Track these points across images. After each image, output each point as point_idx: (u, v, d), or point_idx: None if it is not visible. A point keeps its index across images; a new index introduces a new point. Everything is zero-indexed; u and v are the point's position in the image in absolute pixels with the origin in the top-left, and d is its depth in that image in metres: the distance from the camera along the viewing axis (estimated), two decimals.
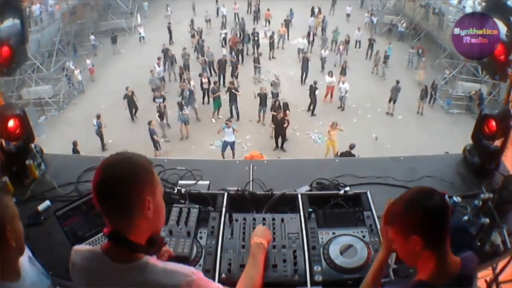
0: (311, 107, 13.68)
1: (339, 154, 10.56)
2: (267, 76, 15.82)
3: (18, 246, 1.38)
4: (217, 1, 21.48)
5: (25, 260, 1.54)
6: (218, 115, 13.27)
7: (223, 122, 11.37)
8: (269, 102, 12.91)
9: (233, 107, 13.18)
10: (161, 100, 12.56)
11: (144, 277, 1.17)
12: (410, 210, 1.37)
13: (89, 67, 16.37)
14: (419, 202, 1.37)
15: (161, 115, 12.16)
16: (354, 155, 10.03)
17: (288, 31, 19.20)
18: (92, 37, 18.56)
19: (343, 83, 13.69)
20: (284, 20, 19.54)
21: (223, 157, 11.08)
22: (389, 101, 14.00)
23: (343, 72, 15.16)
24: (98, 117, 11.89)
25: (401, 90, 13.90)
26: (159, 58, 15.41)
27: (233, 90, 12.88)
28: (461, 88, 15.04)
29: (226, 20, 20.20)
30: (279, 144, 12.06)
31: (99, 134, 11.95)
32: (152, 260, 1.22)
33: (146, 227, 1.23)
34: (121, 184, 1.16)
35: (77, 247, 1.35)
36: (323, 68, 15.01)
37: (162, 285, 1.17)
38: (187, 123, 12.32)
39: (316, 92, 13.25)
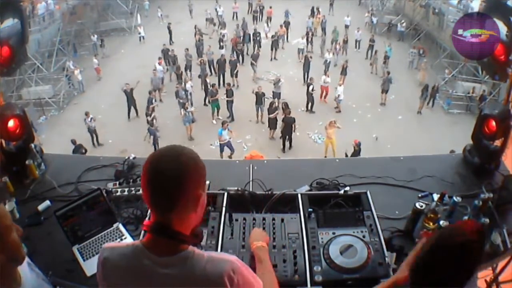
0: (309, 106, 13.68)
1: (349, 155, 10.54)
2: (267, 76, 15.81)
3: (16, 256, 1.35)
4: (217, 0, 21.43)
5: (25, 267, 1.53)
6: (218, 115, 13.27)
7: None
8: (268, 101, 12.92)
9: (229, 107, 13.19)
10: (153, 100, 12.56)
11: (192, 266, 1.18)
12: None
13: (95, 66, 16.33)
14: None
15: (150, 116, 12.10)
16: (360, 150, 10.17)
17: (287, 31, 19.17)
18: (94, 36, 18.51)
19: (340, 85, 13.68)
20: (284, 22, 19.50)
21: (221, 157, 11.10)
22: (382, 92, 14.48)
23: (343, 72, 15.14)
24: (87, 114, 11.86)
25: (392, 81, 14.30)
26: (160, 58, 15.38)
27: (228, 90, 12.92)
28: (461, 88, 15.03)
29: (224, 20, 20.15)
30: (287, 146, 12.05)
31: (90, 132, 11.91)
32: (197, 250, 1.23)
33: (193, 220, 1.25)
34: (180, 177, 1.16)
35: (110, 244, 1.32)
36: (326, 71, 14.90)
37: (210, 273, 1.18)
38: (192, 122, 12.27)
39: (310, 88, 13.23)
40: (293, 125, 11.73)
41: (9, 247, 1.31)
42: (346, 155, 10.67)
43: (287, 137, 11.93)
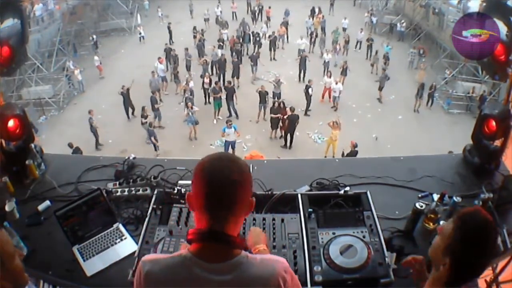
0: (306, 107, 13.70)
1: (345, 154, 10.57)
2: (267, 76, 15.81)
3: (19, 281, 1.34)
4: (219, 0, 21.44)
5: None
6: (218, 115, 13.27)
7: (223, 123, 11.35)
8: (270, 101, 12.92)
9: (230, 105, 13.19)
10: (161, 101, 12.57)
11: (247, 270, 1.18)
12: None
13: (96, 64, 16.30)
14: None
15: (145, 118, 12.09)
16: (357, 152, 10.21)
17: (287, 31, 19.16)
18: (94, 37, 18.50)
19: (336, 83, 13.69)
20: (283, 21, 19.48)
21: None
22: (379, 89, 14.68)
23: (343, 72, 15.14)
24: (90, 112, 11.81)
25: (388, 77, 14.51)
26: (159, 58, 15.34)
27: (229, 88, 12.90)
28: (461, 88, 15.03)
29: (224, 20, 20.16)
30: (288, 143, 12.12)
31: (93, 131, 11.89)
32: (249, 254, 1.23)
33: (241, 224, 1.29)
34: (238, 184, 1.19)
35: (150, 257, 1.27)
36: (326, 71, 14.85)
37: (265, 275, 1.19)
38: (196, 124, 12.29)
39: (310, 91, 13.25)
40: (296, 123, 11.78)
41: (12, 274, 1.30)
42: (343, 154, 10.70)
43: (289, 134, 11.97)
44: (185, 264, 1.18)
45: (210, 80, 13.89)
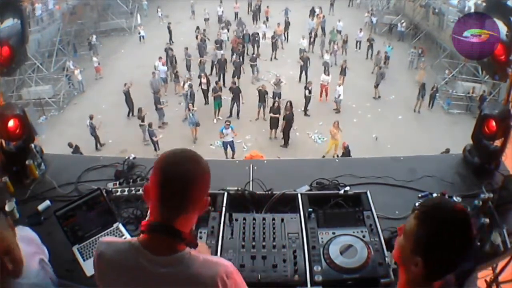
0: (304, 107, 13.71)
1: (339, 156, 10.63)
2: (267, 76, 15.80)
3: (14, 271, 1.36)
4: (221, 1, 21.47)
5: (34, 262, 1.54)
6: (218, 115, 13.27)
7: (223, 123, 11.36)
8: (270, 100, 12.93)
9: (235, 105, 13.18)
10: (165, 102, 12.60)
11: (187, 267, 1.20)
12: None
13: (95, 65, 16.34)
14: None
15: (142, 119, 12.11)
16: (349, 151, 10.34)
17: (287, 31, 19.15)
18: (93, 37, 18.50)
19: (339, 85, 13.68)
20: (284, 21, 19.47)
21: (226, 156, 11.10)
22: (374, 86, 14.86)
23: (343, 72, 15.13)
24: (91, 117, 11.86)
25: (384, 75, 14.86)
26: (160, 58, 15.34)
27: (234, 88, 12.93)
28: (461, 88, 15.03)
29: (225, 20, 20.17)
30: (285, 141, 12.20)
31: (93, 134, 11.94)
32: (193, 251, 1.25)
33: (193, 222, 1.29)
34: (193, 181, 1.20)
35: (107, 238, 1.36)
36: (325, 72, 14.85)
37: (204, 275, 1.20)
38: (198, 125, 12.30)
39: (307, 92, 13.26)
40: (292, 121, 11.86)
41: (16, 262, 1.34)
42: (338, 156, 10.74)
43: (286, 133, 12.05)
44: (132, 251, 1.22)
45: (208, 80, 13.89)
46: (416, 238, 1.21)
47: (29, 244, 1.59)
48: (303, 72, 15.40)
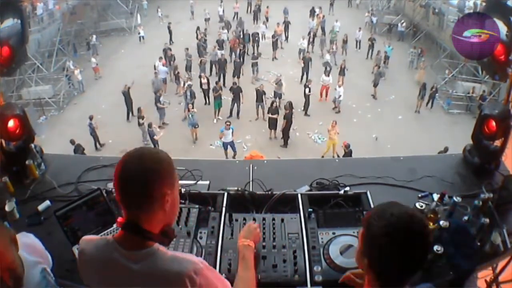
0: (305, 107, 13.71)
1: (339, 156, 10.62)
2: (267, 76, 15.81)
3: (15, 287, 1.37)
4: (222, 0, 21.48)
5: (36, 272, 1.54)
6: (218, 115, 13.27)
7: (223, 123, 11.37)
8: (269, 100, 12.93)
9: (236, 105, 13.18)
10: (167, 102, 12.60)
11: (154, 263, 1.23)
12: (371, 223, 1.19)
13: (93, 66, 16.35)
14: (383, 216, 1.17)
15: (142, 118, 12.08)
16: (351, 151, 10.28)
17: (287, 31, 19.15)
18: (93, 37, 18.51)
19: (340, 86, 13.68)
20: (284, 22, 19.49)
21: (226, 157, 11.11)
22: (373, 86, 14.93)
23: (342, 72, 15.15)
24: (91, 118, 11.87)
25: (383, 75, 14.97)
26: (160, 58, 15.34)
27: (235, 88, 12.93)
28: (461, 88, 15.03)
29: (226, 19, 20.17)
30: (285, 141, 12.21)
31: (93, 134, 11.94)
32: (162, 248, 1.27)
33: (161, 219, 1.29)
34: (145, 176, 1.21)
35: (87, 237, 1.39)
36: (326, 72, 14.85)
37: (170, 271, 1.21)
38: (196, 126, 12.30)
39: (307, 91, 13.25)
40: (290, 122, 11.87)
41: (16, 277, 1.37)
42: (338, 156, 10.71)
43: (286, 133, 12.07)
44: (107, 247, 1.28)
45: (208, 81, 13.89)
46: (362, 243, 1.23)
47: (32, 253, 1.59)
48: (305, 73, 15.38)
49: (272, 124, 12.26)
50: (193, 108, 12.35)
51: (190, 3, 21.77)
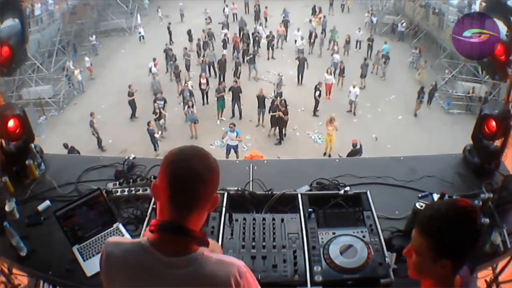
0: (315, 109, 13.65)
1: (344, 156, 10.52)
2: (267, 76, 15.80)
3: None
4: (225, 1, 21.45)
5: None
6: (221, 116, 13.25)
7: (226, 124, 11.31)
8: (269, 101, 12.91)
9: (236, 105, 13.17)
10: (162, 102, 12.53)
11: (201, 268, 1.18)
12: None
13: (87, 65, 16.35)
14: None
15: (159, 116, 12.11)
16: (361, 150, 10.13)
17: (286, 31, 19.14)
18: (93, 37, 18.51)
19: (354, 87, 13.57)
20: (282, 21, 19.47)
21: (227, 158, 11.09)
22: (361, 77, 15.23)
23: (341, 73, 15.12)
24: (91, 114, 11.83)
25: (369, 65, 15.42)
26: (154, 59, 15.34)
27: (235, 87, 12.90)
28: (461, 88, 15.02)
29: (225, 19, 20.17)
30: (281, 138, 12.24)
31: (94, 133, 11.91)
32: (206, 252, 1.22)
33: (203, 220, 1.27)
34: (207, 178, 1.18)
35: (115, 239, 1.32)
36: (328, 71, 14.44)
37: (218, 275, 1.18)
38: (196, 122, 12.27)
39: (317, 94, 13.25)
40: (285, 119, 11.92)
41: None
42: (340, 157, 10.69)
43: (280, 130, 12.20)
44: (142, 252, 1.19)
45: (207, 81, 13.87)
46: (432, 248, 1.26)
47: None
48: (300, 74, 15.34)
49: (274, 122, 12.24)
50: (192, 106, 12.33)
51: (180, 5, 21.71)
